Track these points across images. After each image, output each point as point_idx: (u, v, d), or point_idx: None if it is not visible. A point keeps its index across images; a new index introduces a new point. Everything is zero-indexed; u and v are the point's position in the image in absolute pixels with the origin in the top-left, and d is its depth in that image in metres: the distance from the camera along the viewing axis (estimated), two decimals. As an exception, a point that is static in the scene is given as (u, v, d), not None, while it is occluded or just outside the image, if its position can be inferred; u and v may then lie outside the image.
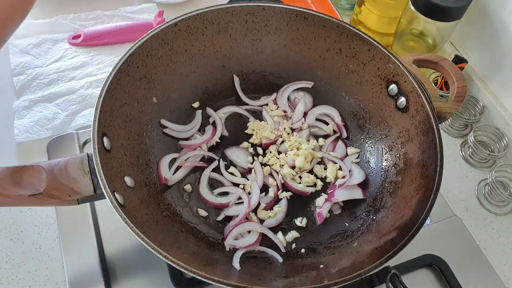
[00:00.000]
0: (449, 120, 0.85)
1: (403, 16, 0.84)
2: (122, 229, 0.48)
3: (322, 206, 0.66)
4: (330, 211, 0.66)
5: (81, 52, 0.89)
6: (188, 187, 0.67)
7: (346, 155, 0.72)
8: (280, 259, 0.60)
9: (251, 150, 0.71)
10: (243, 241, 0.61)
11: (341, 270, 0.54)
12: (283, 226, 0.65)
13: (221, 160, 0.69)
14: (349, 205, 0.67)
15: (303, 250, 0.62)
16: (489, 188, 0.77)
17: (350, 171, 0.69)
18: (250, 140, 0.72)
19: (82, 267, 0.63)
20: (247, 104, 0.76)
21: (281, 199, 0.67)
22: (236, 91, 0.76)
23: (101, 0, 0.98)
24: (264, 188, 0.68)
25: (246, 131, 0.73)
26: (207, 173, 0.68)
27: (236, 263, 0.57)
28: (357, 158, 0.71)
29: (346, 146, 0.73)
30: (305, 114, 0.75)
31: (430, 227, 0.71)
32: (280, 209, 0.65)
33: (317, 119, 0.75)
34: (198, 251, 0.57)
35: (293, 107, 0.76)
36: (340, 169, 0.69)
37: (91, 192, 0.53)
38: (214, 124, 0.73)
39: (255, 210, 0.65)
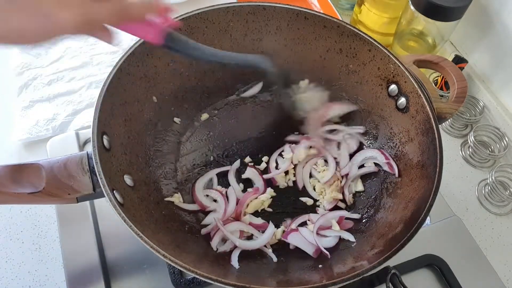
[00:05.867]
0: (449, 120, 0.85)
1: (403, 16, 0.84)
2: (122, 228, 0.48)
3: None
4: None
5: (81, 52, 0.89)
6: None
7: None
8: (275, 259, 0.60)
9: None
10: (229, 243, 0.60)
11: (340, 270, 0.54)
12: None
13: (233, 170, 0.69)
14: (349, 205, 0.67)
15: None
16: (489, 188, 0.77)
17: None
18: None
19: (82, 267, 0.63)
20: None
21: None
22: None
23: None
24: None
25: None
26: (212, 173, 0.68)
27: (234, 262, 0.57)
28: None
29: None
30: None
31: (430, 227, 0.70)
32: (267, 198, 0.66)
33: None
34: (197, 250, 0.57)
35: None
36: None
37: (90, 190, 0.53)
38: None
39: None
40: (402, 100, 0.65)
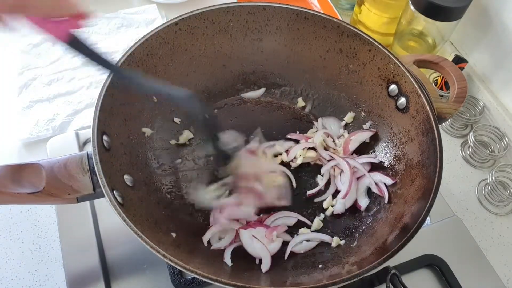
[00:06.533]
0: (449, 120, 0.85)
1: (403, 16, 0.84)
2: (122, 228, 0.48)
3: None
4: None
5: (81, 52, 0.89)
6: None
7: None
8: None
9: None
10: (224, 241, 0.61)
11: (340, 270, 0.54)
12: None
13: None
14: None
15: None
16: (489, 188, 0.77)
17: None
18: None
19: (82, 267, 0.63)
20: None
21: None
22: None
23: (101, 2, 0.98)
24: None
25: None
26: None
27: (227, 259, 0.57)
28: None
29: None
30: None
31: (430, 227, 0.70)
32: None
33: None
34: (197, 250, 0.57)
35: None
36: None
37: (90, 190, 0.53)
38: None
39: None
40: (402, 100, 0.65)
